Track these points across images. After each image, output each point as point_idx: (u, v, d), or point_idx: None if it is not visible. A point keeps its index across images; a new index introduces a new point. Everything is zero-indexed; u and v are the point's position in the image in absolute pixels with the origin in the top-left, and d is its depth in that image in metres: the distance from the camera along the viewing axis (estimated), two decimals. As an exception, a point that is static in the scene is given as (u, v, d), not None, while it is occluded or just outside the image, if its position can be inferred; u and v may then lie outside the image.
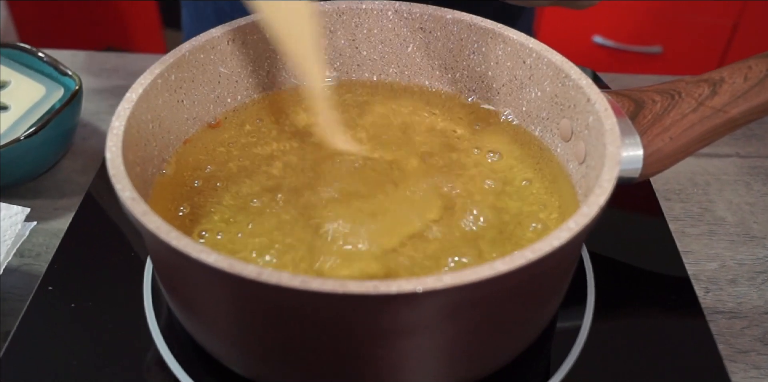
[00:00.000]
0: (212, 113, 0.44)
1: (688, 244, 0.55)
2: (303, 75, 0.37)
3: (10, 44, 0.59)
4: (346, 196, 0.40)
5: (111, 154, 0.33)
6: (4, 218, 0.48)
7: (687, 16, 1.40)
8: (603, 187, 0.33)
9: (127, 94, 0.36)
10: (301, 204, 0.40)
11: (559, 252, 0.31)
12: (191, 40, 0.40)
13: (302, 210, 0.39)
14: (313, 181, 0.41)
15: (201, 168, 0.42)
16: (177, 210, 0.39)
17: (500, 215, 0.40)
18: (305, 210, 0.39)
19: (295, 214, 0.39)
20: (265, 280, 0.28)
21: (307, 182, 0.41)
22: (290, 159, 0.43)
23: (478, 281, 0.29)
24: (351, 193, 0.40)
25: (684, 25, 1.42)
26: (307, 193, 0.40)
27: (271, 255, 0.37)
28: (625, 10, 1.43)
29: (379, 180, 0.41)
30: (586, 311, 0.45)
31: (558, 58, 0.41)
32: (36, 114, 0.56)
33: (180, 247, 0.29)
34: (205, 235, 0.38)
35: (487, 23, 0.43)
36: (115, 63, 0.72)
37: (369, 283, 0.28)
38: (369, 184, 0.41)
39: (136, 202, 0.31)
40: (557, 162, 0.43)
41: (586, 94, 0.39)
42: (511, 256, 0.29)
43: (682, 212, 0.58)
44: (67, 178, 0.59)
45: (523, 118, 0.45)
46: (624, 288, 0.47)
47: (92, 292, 0.43)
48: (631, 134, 0.40)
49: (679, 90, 0.41)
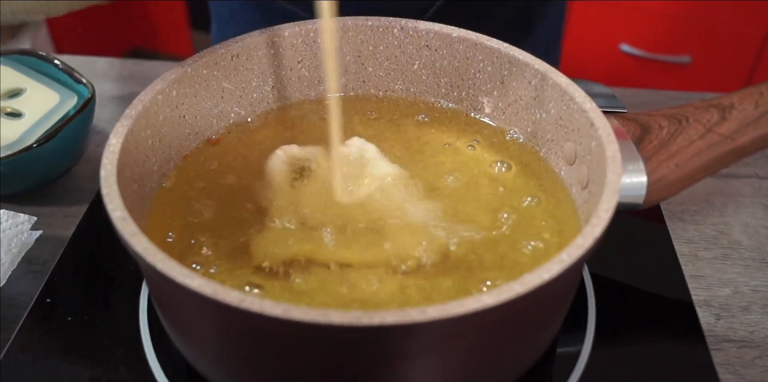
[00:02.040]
0: (214, 128, 0.44)
1: (701, 268, 0.53)
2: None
3: (26, 51, 0.60)
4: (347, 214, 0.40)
5: (105, 172, 0.33)
6: (10, 227, 0.48)
7: (717, 25, 1.38)
8: (600, 217, 0.33)
9: (126, 110, 0.37)
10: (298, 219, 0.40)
11: (551, 285, 0.30)
12: (194, 56, 0.41)
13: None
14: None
15: (201, 182, 0.42)
16: (179, 225, 0.39)
17: (498, 236, 0.40)
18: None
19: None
20: (247, 307, 0.28)
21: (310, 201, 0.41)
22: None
23: (464, 315, 0.28)
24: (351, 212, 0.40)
25: (713, 35, 1.39)
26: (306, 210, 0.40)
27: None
28: (654, 19, 1.41)
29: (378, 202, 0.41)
30: (586, 336, 0.44)
31: (563, 80, 0.40)
32: (49, 122, 0.57)
33: (165, 270, 0.29)
34: (207, 253, 0.38)
35: (492, 42, 0.42)
36: (132, 70, 0.72)
37: (352, 314, 0.28)
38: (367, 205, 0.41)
39: (126, 222, 0.31)
40: (561, 185, 0.43)
41: (589, 119, 0.38)
42: (498, 289, 0.29)
43: (696, 235, 0.56)
44: (78, 185, 0.59)
45: (529, 139, 0.45)
46: (626, 312, 0.46)
47: (90, 305, 0.44)
48: (635, 160, 0.39)
49: (687, 115, 0.40)
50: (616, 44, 1.47)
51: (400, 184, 0.42)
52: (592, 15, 1.44)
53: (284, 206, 0.40)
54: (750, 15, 1.34)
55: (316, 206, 0.40)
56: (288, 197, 0.41)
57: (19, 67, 0.59)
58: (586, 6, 1.43)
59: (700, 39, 1.41)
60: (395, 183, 0.42)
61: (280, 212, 0.40)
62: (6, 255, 0.48)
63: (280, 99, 0.47)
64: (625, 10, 1.41)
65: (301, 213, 0.40)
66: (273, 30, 0.43)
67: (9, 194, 0.57)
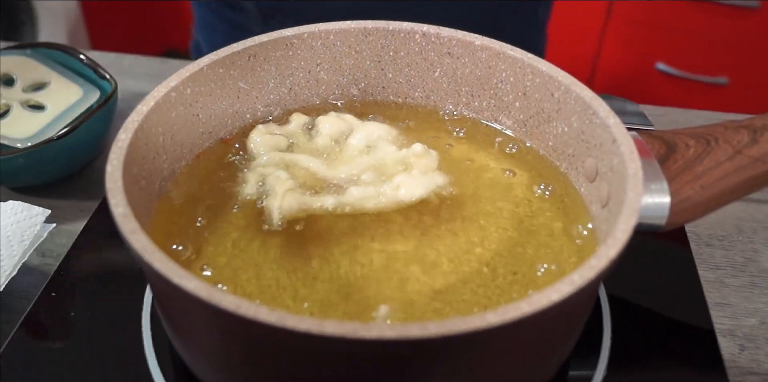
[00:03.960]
0: (229, 128, 0.44)
1: (727, 296, 0.51)
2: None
3: (53, 44, 0.60)
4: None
5: (111, 168, 0.33)
6: (24, 218, 0.48)
7: (756, 47, 1.35)
8: (616, 238, 0.31)
9: (138, 106, 0.36)
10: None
11: (560, 306, 0.29)
12: (210, 55, 0.40)
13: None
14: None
15: (212, 184, 0.41)
16: (187, 226, 0.39)
17: (515, 254, 0.39)
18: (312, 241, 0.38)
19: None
20: (243, 313, 0.27)
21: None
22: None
23: (465, 333, 0.27)
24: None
25: (752, 57, 1.36)
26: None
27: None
28: (691, 38, 1.38)
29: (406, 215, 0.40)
30: (599, 360, 0.42)
31: (587, 94, 0.39)
32: (71, 115, 0.57)
33: (162, 270, 0.28)
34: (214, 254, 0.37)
35: (516, 52, 0.41)
36: (158, 68, 0.72)
37: (348, 325, 0.27)
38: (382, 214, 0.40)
39: (127, 219, 0.30)
40: (581, 202, 0.41)
41: (612, 134, 0.37)
42: (504, 308, 0.28)
43: (723, 261, 0.54)
44: (97, 180, 0.59)
45: (549, 153, 0.43)
46: (643, 337, 0.44)
47: (93, 301, 0.43)
48: (658, 180, 0.37)
49: (717, 135, 0.39)
50: (652, 62, 1.45)
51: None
52: (629, 33, 1.42)
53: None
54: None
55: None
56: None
57: (45, 60, 0.60)
58: (622, 24, 1.41)
59: (738, 60, 1.38)
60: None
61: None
62: (18, 246, 0.48)
63: (297, 102, 0.46)
64: (661, 29, 1.39)
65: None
66: (292, 31, 0.43)
67: (27, 186, 0.57)
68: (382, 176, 0.41)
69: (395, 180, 0.41)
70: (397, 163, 0.42)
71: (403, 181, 0.41)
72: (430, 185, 0.41)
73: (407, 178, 0.41)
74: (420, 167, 0.42)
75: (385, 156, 0.42)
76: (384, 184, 0.41)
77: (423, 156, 0.42)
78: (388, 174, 0.42)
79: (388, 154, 0.42)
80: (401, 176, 0.41)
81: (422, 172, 0.42)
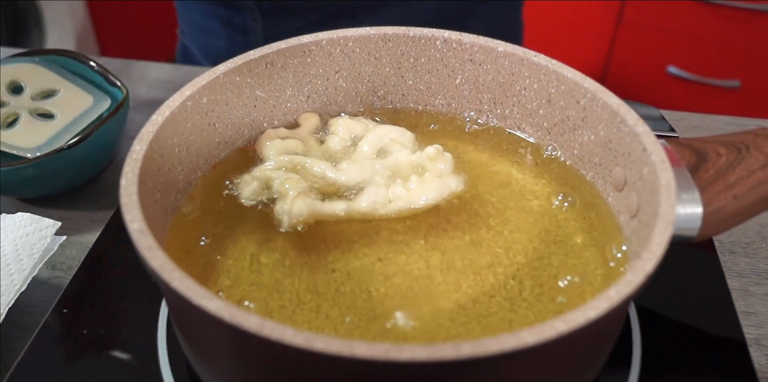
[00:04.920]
0: (246, 137, 0.43)
1: (752, 304, 0.50)
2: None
3: (62, 51, 0.59)
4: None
5: (126, 181, 0.32)
6: (33, 231, 0.47)
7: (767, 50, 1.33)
8: (652, 251, 0.30)
9: (153, 116, 0.35)
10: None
11: (597, 323, 0.27)
12: (227, 63, 0.39)
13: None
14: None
15: (228, 195, 0.40)
16: (204, 239, 0.38)
17: (540, 265, 0.37)
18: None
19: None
20: (267, 334, 0.26)
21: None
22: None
23: (501, 353, 0.26)
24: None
25: (764, 60, 1.35)
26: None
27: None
28: (703, 42, 1.37)
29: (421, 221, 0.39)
30: (630, 375, 0.41)
31: (614, 101, 0.38)
32: (81, 124, 0.56)
33: (181, 289, 0.27)
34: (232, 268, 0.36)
35: (540, 59, 0.40)
36: (170, 75, 0.71)
37: (379, 347, 0.25)
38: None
39: (143, 235, 0.29)
40: (608, 212, 0.40)
41: (642, 143, 0.35)
42: (540, 326, 0.26)
43: (747, 268, 0.53)
44: (107, 190, 0.58)
45: (575, 161, 0.42)
46: (673, 349, 0.43)
47: (107, 319, 0.42)
48: (690, 190, 0.36)
49: (747, 143, 0.37)
50: (663, 66, 1.43)
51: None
52: (640, 37, 1.41)
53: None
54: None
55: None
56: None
57: (54, 67, 0.59)
58: (634, 28, 1.40)
59: (750, 63, 1.36)
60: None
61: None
62: (28, 260, 0.47)
63: (315, 110, 0.45)
64: (672, 33, 1.38)
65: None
66: (310, 38, 0.41)
67: (37, 197, 0.56)
68: (395, 180, 0.40)
69: (407, 184, 0.40)
70: (411, 167, 0.41)
71: (416, 185, 0.40)
72: (444, 189, 0.40)
73: (420, 183, 0.40)
74: (434, 171, 0.41)
75: (399, 159, 0.41)
76: (396, 189, 0.40)
77: (437, 159, 0.41)
78: (402, 178, 0.40)
79: (402, 158, 0.41)
80: (414, 180, 0.40)
81: (436, 175, 0.40)
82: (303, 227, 0.38)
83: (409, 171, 0.41)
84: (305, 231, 0.38)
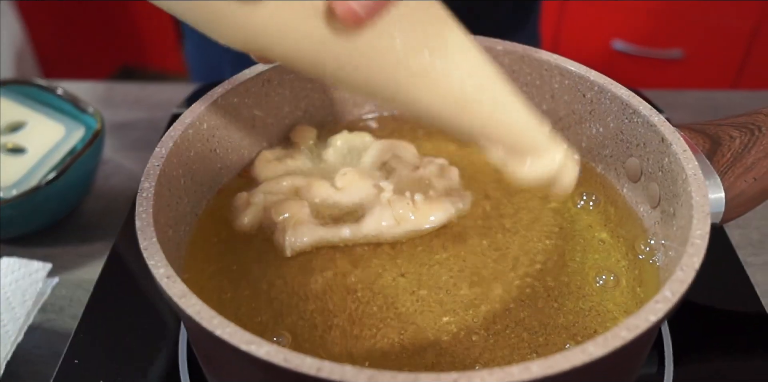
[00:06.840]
0: (245, 159, 0.41)
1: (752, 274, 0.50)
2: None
3: (25, 80, 0.56)
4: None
5: (141, 222, 0.30)
6: (23, 276, 0.45)
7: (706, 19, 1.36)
8: (696, 244, 0.30)
9: (156, 148, 0.33)
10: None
11: (655, 327, 0.27)
12: (223, 84, 0.37)
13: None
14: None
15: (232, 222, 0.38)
16: (210, 273, 0.36)
17: (563, 263, 0.37)
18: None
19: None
20: (326, 376, 0.24)
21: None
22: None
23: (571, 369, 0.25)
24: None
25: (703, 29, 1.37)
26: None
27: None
28: (644, 12, 1.39)
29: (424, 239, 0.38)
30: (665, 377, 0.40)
31: (624, 93, 0.37)
32: (55, 156, 0.53)
33: (225, 337, 0.25)
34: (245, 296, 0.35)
35: (542, 54, 0.39)
36: (136, 95, 0.68)
37: (446, 376, 0.24)
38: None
39: (173, 282, 0.27)
40: (624, 203, 0.39)
41: (659, 133, 0.35)
42: (604, 337, 0.26)
43: (741, 240, 0.53)
44: (89, 222, 0.55)
45: (584, 154, 0.41)
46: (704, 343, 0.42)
47: (122, 365, 0.39)
48: (711, 176, 0.36)
49: (759, 124, 0.37)
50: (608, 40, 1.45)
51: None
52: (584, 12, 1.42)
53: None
54: (738, 8, 1.32)
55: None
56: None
57: (19, 98, 0.55)
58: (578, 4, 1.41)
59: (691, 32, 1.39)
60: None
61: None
62: (21, 308, 0.44)
63: (312, 123, 0.43)
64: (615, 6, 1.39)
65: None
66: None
67: (17, 237, 0.53)
68: (400, 199, 0.38)
69: (414, 205, 0.38)
70: (415, 184, 0.39)
71: (422, 206, 0.38)
72: (450, 209, 0.38)
73: (426, 203, 0.38)
74: (439, 189, 0.39)
75: (402, 176, 0.40)
76: (402, 210, 0.38)
77: (441, 175, 0.40)
78: (407, 196, 0.38)
79: (404, 175, 0.40)
80: (419, 201, 0.38)
81: (442, 192, 0.39)
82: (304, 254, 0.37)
83: (415, 188, 0.39)
84: (314, 253, 0.37)
